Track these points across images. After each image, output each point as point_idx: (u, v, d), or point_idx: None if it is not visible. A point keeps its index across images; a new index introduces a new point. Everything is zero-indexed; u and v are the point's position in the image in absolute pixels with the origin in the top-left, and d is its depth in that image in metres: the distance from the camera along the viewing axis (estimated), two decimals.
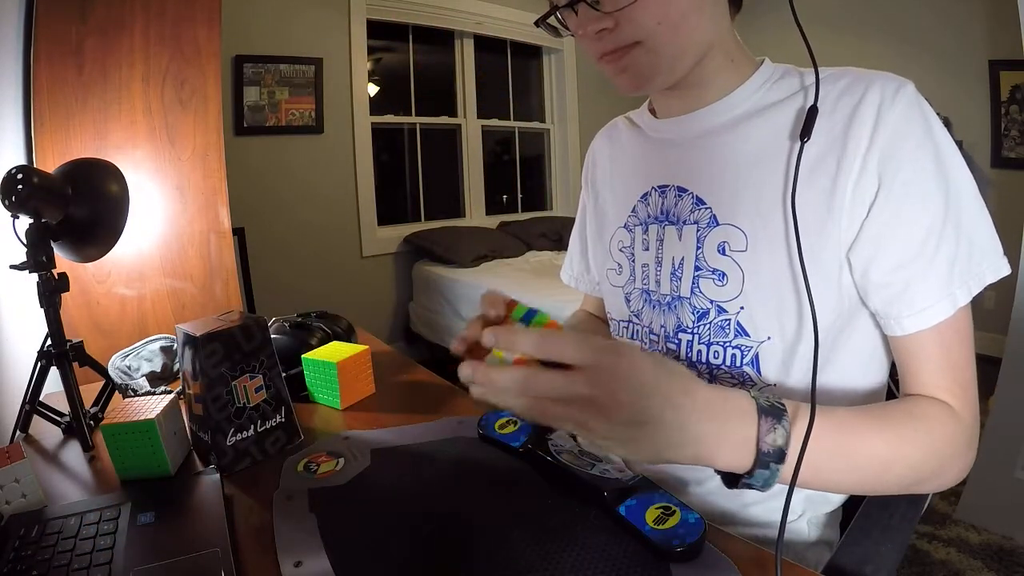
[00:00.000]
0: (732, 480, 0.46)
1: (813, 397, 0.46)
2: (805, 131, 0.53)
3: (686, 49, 0.55)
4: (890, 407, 0.52)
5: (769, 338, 0.57)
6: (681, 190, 0.63)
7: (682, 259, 0.63)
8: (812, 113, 0.54)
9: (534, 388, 0.39)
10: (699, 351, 0.62)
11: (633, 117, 0.73)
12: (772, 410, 0.45)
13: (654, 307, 0.66)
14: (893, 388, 0.63)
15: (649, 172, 0.68)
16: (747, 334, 0.58)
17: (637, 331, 0.69)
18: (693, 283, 0.62)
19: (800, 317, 0.56)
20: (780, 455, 0.44)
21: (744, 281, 0.58)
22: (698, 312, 0.61)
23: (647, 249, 0.67)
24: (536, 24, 0.58)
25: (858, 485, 0.51)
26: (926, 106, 0.52)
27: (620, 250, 0.71)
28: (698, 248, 0.61)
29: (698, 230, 0.61)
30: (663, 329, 0.65)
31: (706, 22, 0.55)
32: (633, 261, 0.69)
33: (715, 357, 0.61)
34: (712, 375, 0.61)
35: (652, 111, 0.70)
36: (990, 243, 0.51)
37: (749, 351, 0.58)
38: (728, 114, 0.60)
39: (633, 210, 0.69)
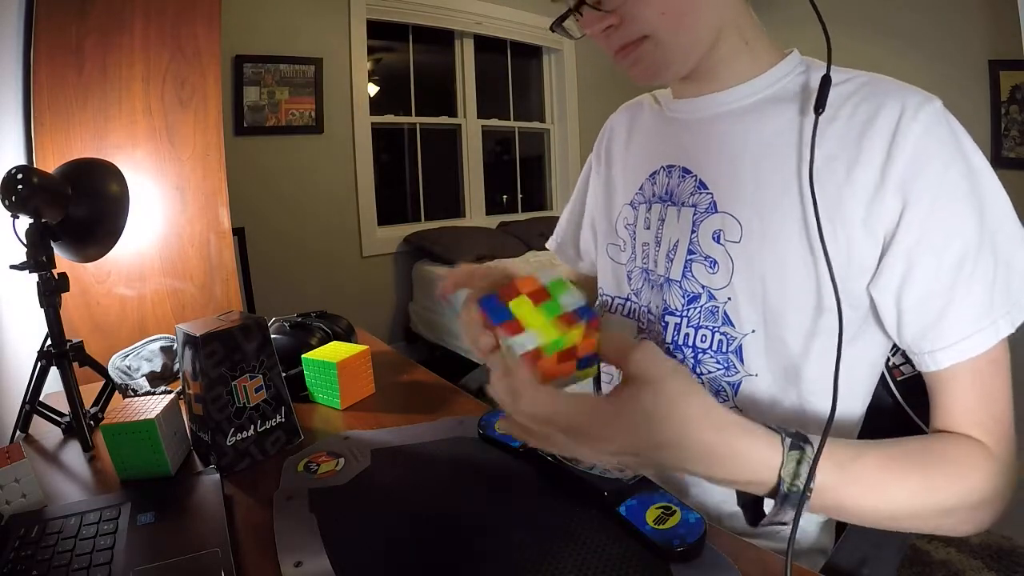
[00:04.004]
0: (756, 516, 0.45)
1: (835, 393, 0.46)
2: (819, 103, 0.52)
3: (695, 37, 0.54)
4: (921, 447, 0.48)
5: (753, 331, 0.57)
6: (685, 171, 0.63)
7: (677, 241, 0.62)
8: (825, 83, 0.52)
9: (546, 415, 0.40)
10: (687, 334, 0.61)
11: (658, 95, 0.72)
12: (793, 497, 0.42)
13: (652, 287, 0.66)
14: (907, 407, 0.63)
15: (660, 151, 0.67)
16: (732, 324, 0.58)
17: (634, 309, 0.69)
18: (685, 266, 0.61)
19: (788, 312, 0.55)
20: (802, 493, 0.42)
21: (733, 273, 0.57)
22: (689, 296, 0.61)
23: (648, 228, 0.66)
24: (551, 29, 0.58)
25: (878, 524, 0.47)
26: (955, 123, 0.50)
27: (625, 227, 0.70)
28: (693, 232, 0.60)
29: (695, 214, 0.61)
30: (658, 309, 0.65)
31: (712, 5, 0.54)
32: (635, 239, 0.68)
33: (702, 341, 0.60)
34: (697, 359, 0.61)
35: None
36: None
37: (734, 340, 0.58)
38: (744, 100, 0.59)
39: (640, 188, 0.68)
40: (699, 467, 0.41)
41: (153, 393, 0.87)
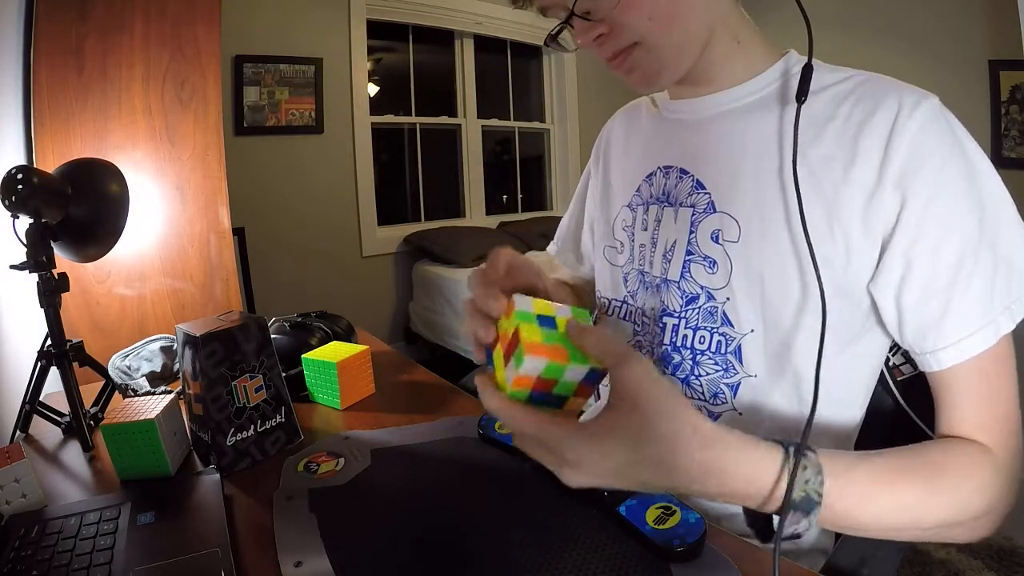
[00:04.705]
0: (766, 532, 0.45)
1: (816, 390, 0.46)
2: (801, 91, 0.52)
3: (685, 40, 0.54)
4: (918, 454, 0.48)
5: (752, 331, 0.57)
6: (683, 172, 0.63)
7: (674, 242, 0.62)
8: (807, 72, 0.52)
9: (519, 429, 0.40)
10: (685, 336, 0.61)
11: (655, 97, 0.73)
12: (804, 503, 0.41)
13: (647, 289, 0.66)
14: (907, 408, 0.63)
15: (657, 152, 0.67)
16: (731, 324, 0.58)
17: (630, 312, 0.69)
18: (683, 267, 0.61)
19: (787, 312, 0.55)
20: (798, 536, 0.42)
21: (732, 274, 0.57)
22: (687, 296, 0.61)
23: (645, 229, 0.66)
24: (545, 44, 0.59)
25: (875, 533, 0.46)
26: (953, 121, 0.49)
27: (623, 229, 0.70)
28: (691, 233, 0.60)
29: (693, 214, 0.61)
30: (653, 311, 0.65)
31: (700, 6, 0.54)
32: (633, 240, 0.68)
33: (701, 342, 0.60)
34: (696, 360, 0.61)
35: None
36: None
37: (733, 341, 0.58)
38: (741, 101, 0.59)
39: (638, 190, 0.68)
40: (693, 486, 0.40)
41: (153, 393, 0.87)
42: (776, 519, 0.42)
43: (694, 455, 0.39)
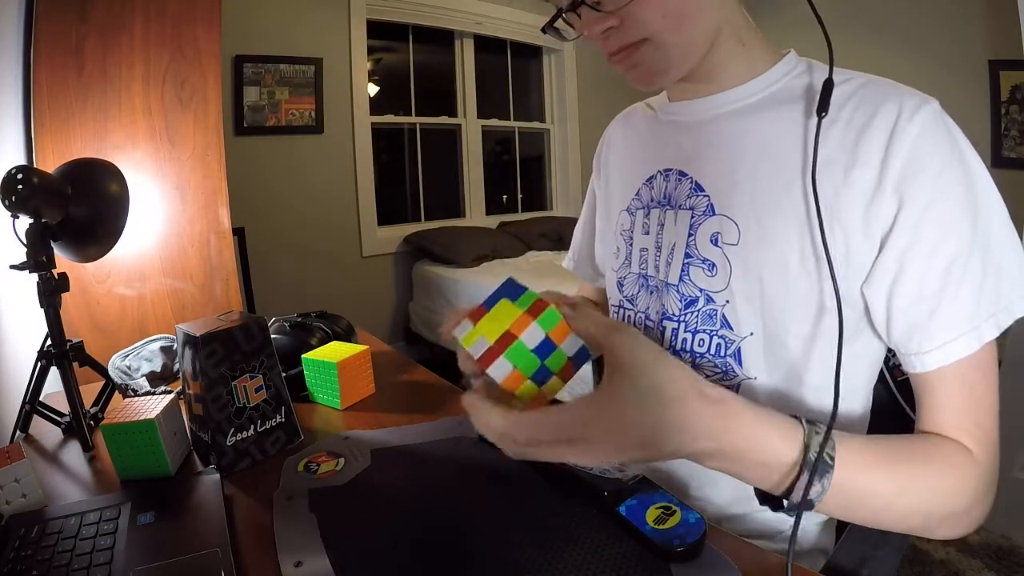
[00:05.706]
0: (769, 500, 0.45)
1: (836, 394, 0.46)
2: (822, 106, 0.52)
3: (695, 38, 0.54)
4: (905, 443, 0.48)
5: (752, 333, 0.57)
6: (682, 174, 0.62)
7: (674, 245, 0.62)
8: (828, 87, 0.52)
9: (521, 437, 0.40)
10: (684, 339, 0.61)
11: (651, 101, 0.72)
12: (820, 466, 0.41)
13: (650, 293, 0.65)
14: (906, 407, 0.63)
15: (656, 155, 0.67)
16: (731, 327, 0.58)
17: (630, 316, 0.69)
18: (682, 270, 0.61)
19: (787, 315, 0.55)
20: (811, 506, 0.42)
21: (731, 277, 0.57)
22: (686, 300, 0.61)
23: (647, 233, 0.66)
24: (543, 30, 0.58)
25: (856, 519, 0.47)
26: (952, 125, 0.50)
27: (620, 234, 0.70)
28: (690, 236, 0.60)
29: (692, 217, 0.60)
30: (657, 315, 0.65)
31: (711, 6, 0.54)
32: (631, 245, 0.68)
33: (700, 345, 0.60)
34: (695, 364, 0.61)
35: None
36: (1021, 273, 0.48)
37: (733, 344, 0.58)
38: (742, 101, 0.59)
39: (637, 193, 0.68)
40: (710, 444, 0.40)
41: (153, 393, 0.87)
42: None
43: (704, 411, 0.40)
